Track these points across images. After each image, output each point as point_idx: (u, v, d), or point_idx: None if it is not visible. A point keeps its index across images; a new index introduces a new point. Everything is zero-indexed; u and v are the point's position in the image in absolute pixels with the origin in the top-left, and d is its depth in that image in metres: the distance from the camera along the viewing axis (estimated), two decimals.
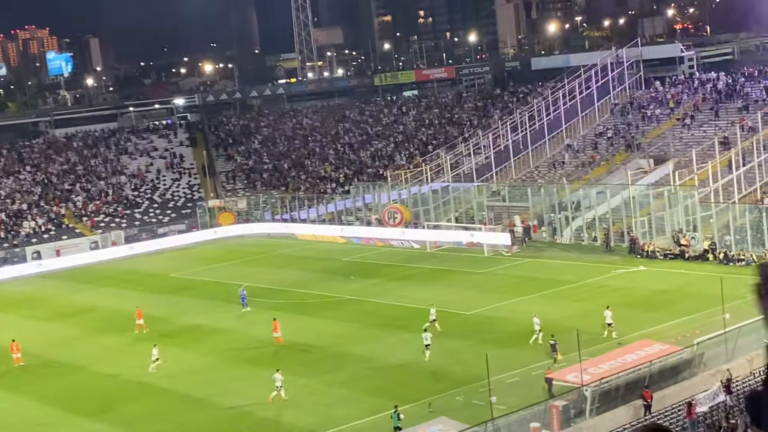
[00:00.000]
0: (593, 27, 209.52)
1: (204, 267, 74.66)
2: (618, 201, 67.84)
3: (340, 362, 44.73)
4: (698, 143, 73.66)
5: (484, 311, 51.60)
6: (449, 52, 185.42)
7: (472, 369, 39.97)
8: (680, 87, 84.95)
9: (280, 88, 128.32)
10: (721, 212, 62.09)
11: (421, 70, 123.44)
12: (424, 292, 57.54)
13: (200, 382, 44.01)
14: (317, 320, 53.51)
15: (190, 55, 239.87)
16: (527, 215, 73.12)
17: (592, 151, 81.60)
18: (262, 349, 48.65)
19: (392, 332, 49.50)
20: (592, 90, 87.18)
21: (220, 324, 54.74)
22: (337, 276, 66.09)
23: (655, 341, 42.15)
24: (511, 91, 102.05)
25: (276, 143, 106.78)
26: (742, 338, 38.97)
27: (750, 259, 56.11)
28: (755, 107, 74.77)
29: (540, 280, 57.96)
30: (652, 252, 61.22)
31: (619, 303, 48.59)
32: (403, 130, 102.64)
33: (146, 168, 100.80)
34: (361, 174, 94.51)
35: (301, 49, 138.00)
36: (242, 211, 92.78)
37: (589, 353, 39.70)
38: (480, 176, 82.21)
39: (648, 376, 36.52)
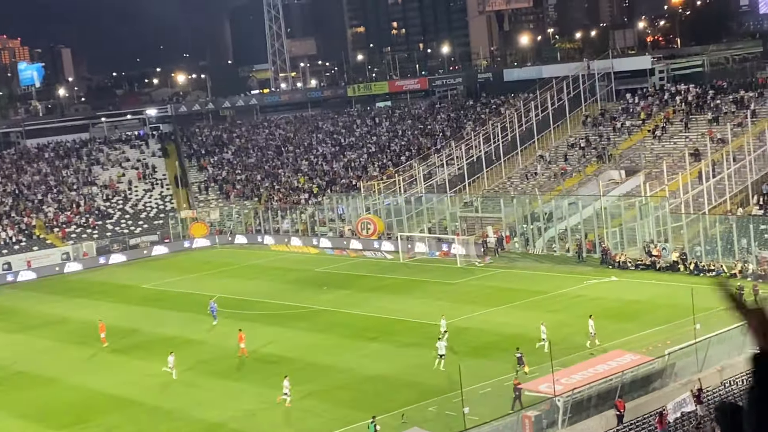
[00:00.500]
0: (565, 39, 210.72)
1: (176, 278, 74.36)
2: (590, 212, 68.20)
3: (313, 373, 44.64)
4: (669, 155, 74.21)
5: (456, 322, 51.62)
6: (422, 63, 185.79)
7: (445, 380, 40.03)
8: (651, 99, 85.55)
9: (253, 98, 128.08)
10: (691, 223, 62.56)
11: (394, 81, 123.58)
12: (397, 303, 57.66)
13: (172, 394, 43.81)
14: (290, 331, 53.41)
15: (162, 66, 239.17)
16: (500, 226, 73.36)
17: (564, 162, 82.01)
18: (235, 360, 48.47)
19: (365, 343, 49.49)
20: (564, 101, 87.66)
21: (192, 335, 54.53)
22: (309, 287, 66.02)
23: (626, 351, 42.36)
24: (483, 102, 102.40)
25: (249, 154, 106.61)
26: (712, 348, 39.27)
27: (720, 269, 56.54)
28: (725, 119, 75.41)
29: (512, 290, 58.14)
30: (624, 263, 61.58)
31: (591, 313, 48.77)
32: (376, 140, 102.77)
33: (118, 179, 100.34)
34: (334, 185, 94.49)
35: (274, 59, 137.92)
36: (215, 221, 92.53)
37: (561, 363, 39.83)
38: (453, 187, 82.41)
39: (620, 387, 36.69)
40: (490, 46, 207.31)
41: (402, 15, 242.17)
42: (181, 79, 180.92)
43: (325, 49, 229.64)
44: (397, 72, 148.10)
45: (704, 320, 44.26)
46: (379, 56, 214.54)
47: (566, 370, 39.68)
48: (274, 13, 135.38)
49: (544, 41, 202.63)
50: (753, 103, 75.90)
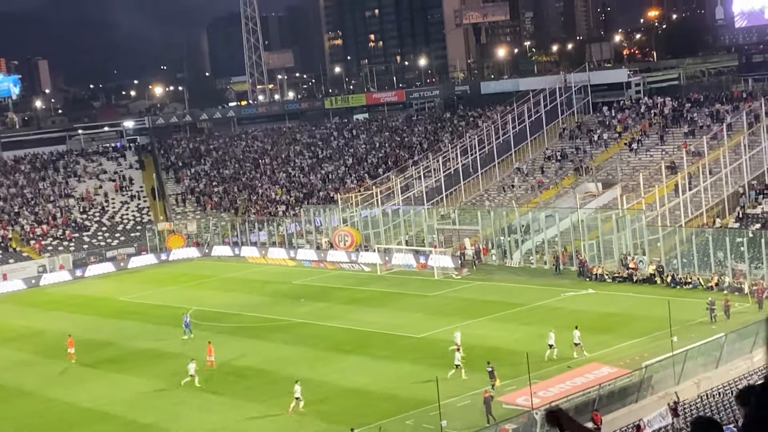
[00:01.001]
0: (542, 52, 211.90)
1: (153, 290, 74.01)
2: (567, 224, 68.39)
3: (290, 386, 44.40)
4: (645, 167, 74.57)
5: (434, 334, 51.62)
6: (400, 75, 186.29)
7: (423, 392, 39.97)
8: (627, 112, 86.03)
9: (230, 110, 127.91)
10: (668, 236, 62.83)
11: (371, 93, 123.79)
12: (375, 315, 57.59)
13: (148, 408, 43.52)
14: (267, 344, 53.22)
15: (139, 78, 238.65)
16: (477, 238, 73.46)
17: (541, 174, 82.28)
18: (211, 373, 48.18)
19: (342, 356, 49.35)
20: (541, 114, 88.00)
21: (168, 348, 54.21)
22: (287, 299, 65.85)
23: (603, 364, 42.50)
24: (461, 115, 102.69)
25: (226, 166, 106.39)
26: (689, 361, 39.39)
27: (697, 282, 56.79)
28: (701, 132, 75.88)
29: (490, 303, 58.16)
30: (601, 275, 61.75)
31: (568, 326, 48.85)
32: (353, 153, 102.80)
33: (95, 191, 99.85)
34: (311, 197, 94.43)
35: (251, 72, 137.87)
36: (192, 234, 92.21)
37: (538, 376, 39.88)
38: (430, 199, 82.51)
39: (597, 399, 36.74)
40: (467, 58, 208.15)
41: (379, 27, 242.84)
42: (158, 91, 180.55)
43: (302, 62, 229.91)
44: (374, 84, 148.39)
45: (681, 333, 44.52)
46: (357, 68, 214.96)
47: (544, 383, 39.74)
48: (251, 25, 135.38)
49: (521, 54, 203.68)
50: (728, 116, 76.42)
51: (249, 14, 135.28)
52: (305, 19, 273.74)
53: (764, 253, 55.50)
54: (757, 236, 57.70)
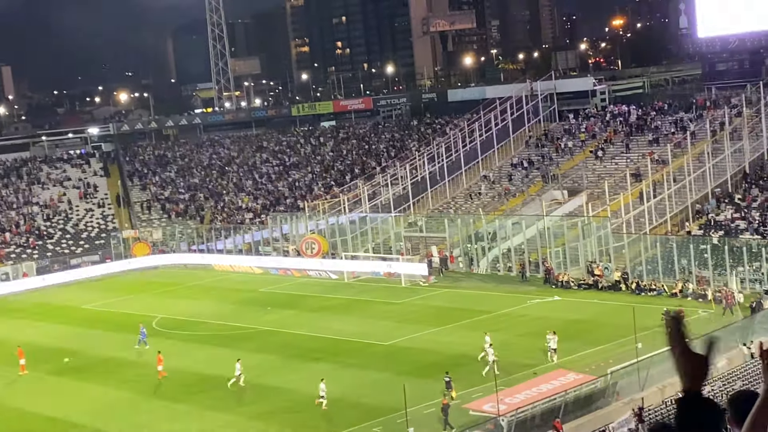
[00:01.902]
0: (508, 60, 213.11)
1: (118, 298, 73.50)
2: (533, 232, 68.69)
3: (258, 394, 44.33)
4: (610, 175, 75.12)
5: (401, 342, 51.68)
6: (367, 83, 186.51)
7: (390, 400, 39.96)
8: (593, 120, 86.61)
9: (196, 117, 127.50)
10: (632, 243, 63.30)
11: (338, 100, 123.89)
12: (342, 323, 57.52)
13: (113, 417, 43.21)
14: (234, 352, 52.88)
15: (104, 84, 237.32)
16: (444, 245, 73.62)
17: (508, 182, 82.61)
18: (177, 382, 47.96)
19: (310, 363, 49.25)
20: (508, 122, 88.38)
21: (133, 357, 53.86)
22: (254, 307, 65.63)
23: (569, 370, 42.73)
24: (428, 123, 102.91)
25: (192, 173, 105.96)
26: (654, 367, 39.67)
27: (661, 289, 57.24)
28: (665, 140, 76.54)
29: (457, 310, 58.28)
30: (567, 282, 62.07)
31: (534, 333, 49.15)
32: (320, 160, 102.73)
33: (59, 198, 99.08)
34: (278, 204, 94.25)
35: (217, 78, 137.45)
36: (157, 241, 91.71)
37: (505, 383, 40.02)
38: (397, 207, 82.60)
39: (563, 406, 36.93)
40: (434, 66, 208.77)
41: (346, 35, 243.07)
42: (123, 97, 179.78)
43: (269, 69, 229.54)
44: (341, 92, 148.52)
45: (646, 339, 44.80)
46: (324, 76, 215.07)
47: (510, 390, 39.91)
48: (217, 32, 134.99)
49: (487, 62, 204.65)
50: (692, 124, 77.16)
51: (215, 21, 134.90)
52: (272, 25, 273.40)
53: (727, 260, 56.07)
54: (721, 243, 58.28)
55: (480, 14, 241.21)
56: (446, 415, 37.39)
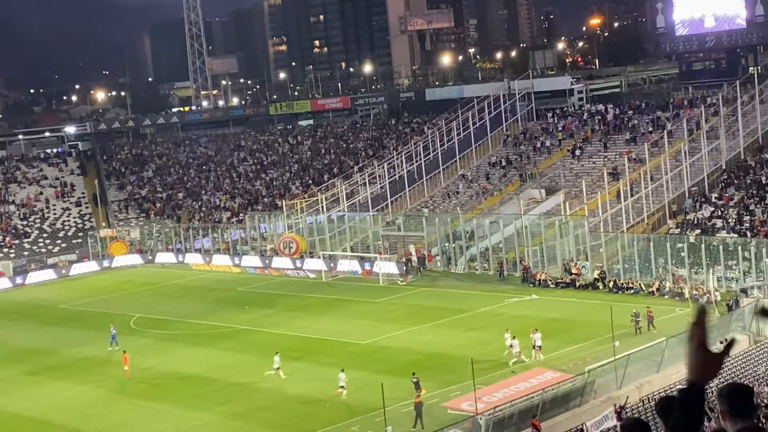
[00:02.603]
0: (486, 59, 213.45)
1: (95, 298, 73.17)
2: (511, 230, 68.82)
3: (235, 393, 44.23)
4: (588, 174, 75.37)
5: (379, 341, 51.69)
6: (344, 82, 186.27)
7: (368, 399, 39.96)
8: (570, 119, 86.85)
9: (174, 116, 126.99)
10: (610, 242, 63.54)
11: (316, 99, 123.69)
12: (320, 322, 57.48)
13: (91, 416, 43.01)
14: (212, 351, 52.86)
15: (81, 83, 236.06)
16: (422, 244, 73.67)
17: (486, 181, 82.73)
18: (154, 381, 47.82)
19: (288, 363, 49.11)
20: (485, 121, 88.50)
21: (110, 356, 53.62)
22: (231, 306, 65.46)
23: (547, 369, 42.85)
24: (405, 121, 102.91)
25: (170, 172, 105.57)
26: (631, 365, 39.88)
27: (638, 287, 57.48)
28: (642, 139, 76.84)
29: (435, 309, 58.34)
30: (544, 281, 62.23)
31: (512, 331, 49.19)
32: (298, 159, 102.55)
33: (36, 197, 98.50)
34: (256, 203, 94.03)
35: (195, 77, 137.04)
36: (135, 240, 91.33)
37: (483, 382, 40.07)
38: (375, 206, 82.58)
39: (541, 404, 37.03)
40: (411, 65, 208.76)
41: (324, 34, 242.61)
42: (100, 96, 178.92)
43: (247, 67, 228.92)
44: (319, 91, 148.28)
45: (623, 338, 45.05)
46: (302, 75, 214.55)
47: (488, 388, 39.97)
48: (195, 30, 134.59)
49: (465, 61, 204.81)
50: (669, 123, 77.51)
51: (192, 19, 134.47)
52: (249, 24, 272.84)
53: (704, 259, 56.37)
54: (698, 242, 58.59)
55: (458, 13, 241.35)
56: (419, 412, 37.51)
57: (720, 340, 24.73)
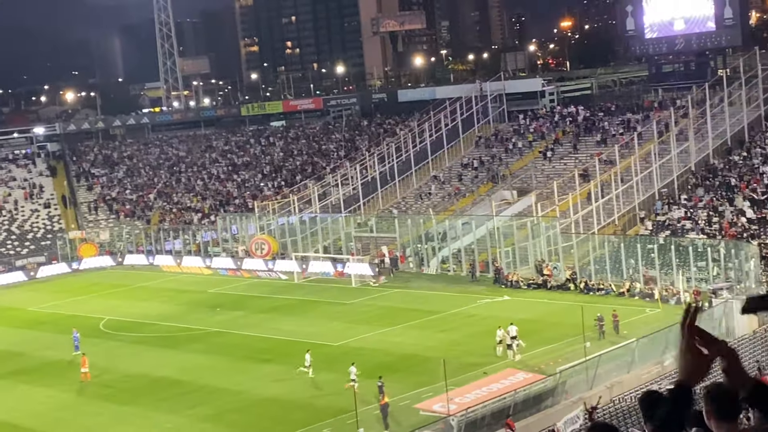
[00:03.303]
0: (458, 61, 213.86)
1: (64, 300, 72.59)
2: (483, 232, 68.92)
3: (206, 396, 44.01)
4: (559, 175, 75.60)
5: (351, 342, 51.61)
6: (317, 83, 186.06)
7: (340, 401, 39.89)
8: (541, 120, 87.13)
9: (144, 117, 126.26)
10: (581, 243, 63.76)
11: (288, 100, 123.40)
12: (292, 324, 57.32)
13: (61, 420, 42.67)
14: (182, 354, 52.58)
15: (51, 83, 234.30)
16: (394, 246, 73.64)
17: (458, 182, 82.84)
18: (125, 383, 47.48)
19: (259, 365, 49.03)
20: (458, 122, 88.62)
21: (78, 360, 53.14)
22: (202, 308, 65.16)
23: (519, 370, 42.94)
24: (378, 123, 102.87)
25: (140, 173, 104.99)
26: (602, 366, 40.03)
27: (609, 288, 57.72)
28: (612, 141, 77.19)
29: (407, 310, 58.32)
30: (516, 282, 62.36)
31: (484, 332, 49.32)
32: (270, 160, 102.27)
33: (4, 198, 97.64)
34: (227, 205, 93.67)
35: (166, 78, 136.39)
36: (105, 242, 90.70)
37: (455, 383, 40.07)
38: (348, 207, 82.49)
39: (513, 405, 37.09)
40: (384, 66, 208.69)
41: (296, 34, 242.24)
42: (70, 97, 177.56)
43: (218, 68, 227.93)
44: (291, 92, 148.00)
45: (592, 339, 45.21)
46: (274, 75, 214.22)
47: (460, 390, 39.99)
48: (165, 30, 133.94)
49: (437, 62, 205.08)
50: (639, 125, 77.92)
51: (163, 20, 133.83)
52: (221, 25, 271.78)
53: (674, 260, 56.67)
54: (668, 243, 58.90)
55: (430, 15, 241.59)
56: (385, 413, 37.57)
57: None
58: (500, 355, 45.21)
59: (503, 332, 45.93)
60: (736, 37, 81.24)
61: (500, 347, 45.47)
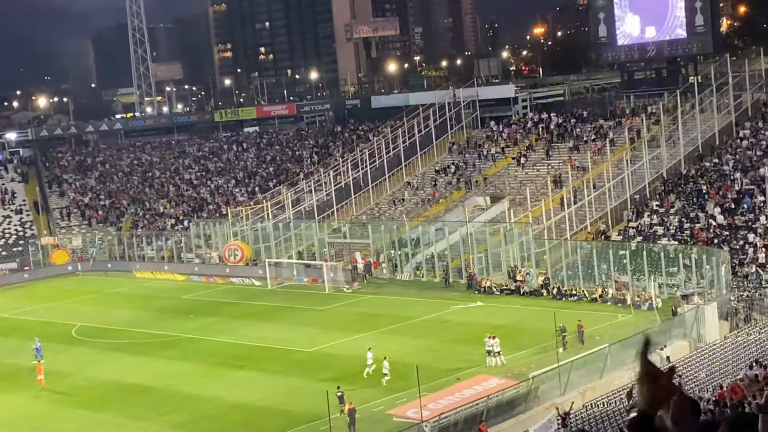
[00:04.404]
0: (431, 67, 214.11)
1: (36, 306, 72.15)
2: (456, 237, 69.12)
3: (179, 403, 43.87)
4: (532, 181, 75.94)
5: (324, 348, 51.58)
6: (290, 89, 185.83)
7: (313, 407, 39.87)
8: (515, 127, 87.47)
9: (117, 123, 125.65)
10: (554, 249, 64.05)
11: (262, 106, 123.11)
12: (265, 330, 57.25)
13: (31, 428, 42.40)
14: (155, 360, 52.39)
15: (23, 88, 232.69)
16: (368, 252, 73.69)
17: (432, 188, 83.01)
18: (97, 390, 47.25)
19: (232, 371, 48.91)
20: (431, 128, 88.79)
21: (52, 366, 52.83)
22: (175, 314, 64.92)
23: (492, 376, 43.06)
24: (351, 129, 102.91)
25: (113, 179, 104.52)
26: (574, 372, 40.23)
27: (582, 294, 58.01)
28: (585, 147, 77.62)
29: (381, 316, 58.38)
30: (489, 288, 62.54)
31: (457, 338, 49.46)
32: (243, 166, 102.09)
33: None
34: (201, 211, 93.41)
35: (139, 83, 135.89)
36: (77, 248, 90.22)
37: (428, 388, 40.15)
38: (321, 213, 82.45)
39: (485, 411, 37.21)
40: (357, 72, 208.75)
41: (270, 40, 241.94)
42: (42, 102, 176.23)
43: (191, 74, 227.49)
44: (265, 97, 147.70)
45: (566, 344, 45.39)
46: (247, 81, 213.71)
47: (433, 395, 40.06)
48: (138, 36, 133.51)
49: (411, 69, 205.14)
50: (611, 131, 78.40)
51: (136, 25, 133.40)
52: (194, 30, 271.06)
53: (646, 266, 57.06)
54: (639, 249, 59.29)
55: (403, 21, 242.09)
56: (352, 419, 37.61)
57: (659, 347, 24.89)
58: (493, 365, 44.69)
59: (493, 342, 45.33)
60: (707, 45, 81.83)
61: (492, 358, 44.91)
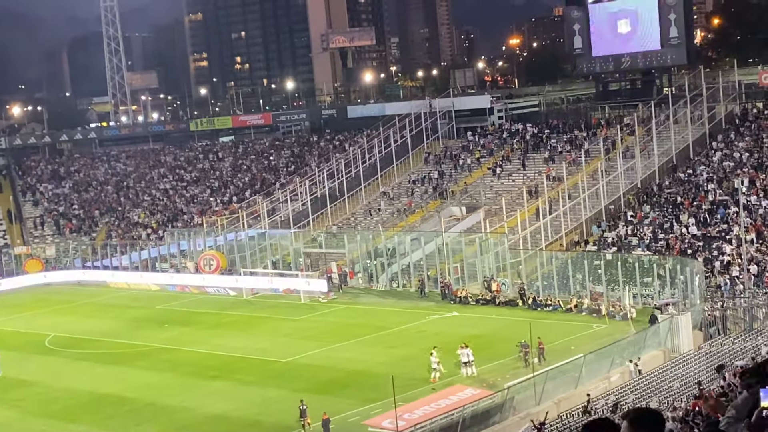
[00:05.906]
0: (407, 77, 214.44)
1: (9, 316, 71.54)
2: (432, 248, 69.15)
3: (153, 414, 43.60)
4: (507, 192, 76.13)
5: (299, 358, 51.43)
6: (266, 98, 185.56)
7: (287, 418, 39.74)
8: (490, 137, 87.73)
9: (92, 132, 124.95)
10: (529, 259, 64.20)
11: (237, 116, 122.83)
12: (240, 340, 57.02)
13: None
14: (128, 370, 52.05)
15: None
16: (343, 262, 73.60)
17: (408, 198, 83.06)
18: (71, 400, 46.90)
19: (207, 381, 48.67)
20: (407, 138, 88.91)
21: (25, 376, 52.48)
22: (150, 324, 64.57)
23: (467, 386, 43.04)
24: (327, 138, 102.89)
25: (87, 189, 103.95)
26: (549, 381, 40.27)
27: (557, 304, 58.15)
28: (560, 158, 77.92)
29: (356, 326, 58.31)
30: (465, 298, 62.58)
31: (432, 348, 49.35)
32: (219, 176, 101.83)
33: None
34: (175, 220, 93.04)
35: (114, 92, 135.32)
36: (51, 258, 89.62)
37: (403, 399, 40.08)
38: (297, 223, 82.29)
39: (461, 421, 37.18)
40: (333, 82, 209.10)
41: (246, 50, 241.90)
42: (16, 111, 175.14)
43: (167, 83, 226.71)
44: (240, 107, 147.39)
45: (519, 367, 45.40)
46: (223, 91, 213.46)
47: (409, 406, 39.99)
48: (114, 45, 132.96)
49: (387, 79, 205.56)
50: (586, 142, 78.74)
51: (111, 34, 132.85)
52: (170, 39, 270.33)
53: (620, 276, 57.26)
54: (614, 259, 59.51)
55: (380, 31, 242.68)
56: (327, 429, 37.51)
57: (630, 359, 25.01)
58: (469, 376, 44.61)
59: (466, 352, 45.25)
60: (682, 56, 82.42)
61: (466, 368, 44.79)
